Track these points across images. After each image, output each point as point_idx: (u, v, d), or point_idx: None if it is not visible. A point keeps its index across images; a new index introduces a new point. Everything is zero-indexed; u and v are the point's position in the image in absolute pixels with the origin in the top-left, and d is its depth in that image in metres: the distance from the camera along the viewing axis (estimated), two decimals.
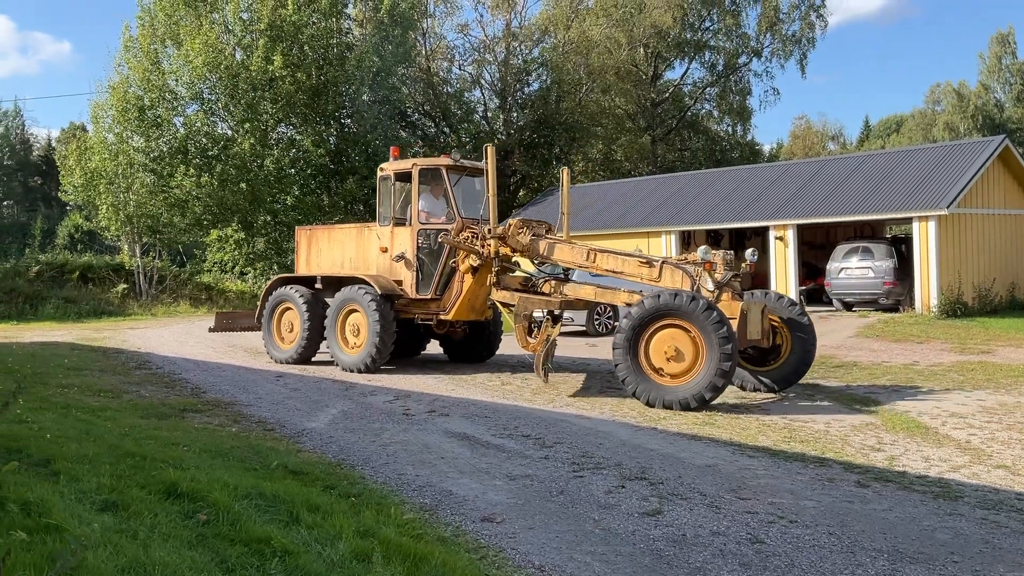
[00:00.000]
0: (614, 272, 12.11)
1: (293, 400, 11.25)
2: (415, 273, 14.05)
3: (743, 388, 11.74)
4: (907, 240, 23.34)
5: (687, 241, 27.81)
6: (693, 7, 47.27)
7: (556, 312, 12.49)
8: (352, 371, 13.96)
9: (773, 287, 24.70)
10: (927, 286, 21.57)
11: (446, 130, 42.37)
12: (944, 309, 20.87)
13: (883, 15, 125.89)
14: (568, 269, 14.24)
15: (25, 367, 13.55)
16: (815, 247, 28.70)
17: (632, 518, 5.98)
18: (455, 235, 13.18)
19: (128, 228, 33.40)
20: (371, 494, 6.36)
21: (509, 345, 15.31)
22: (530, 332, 12.46)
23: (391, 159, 14.79)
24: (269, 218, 33.85)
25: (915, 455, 7.84)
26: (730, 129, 53.39)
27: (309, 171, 34.00)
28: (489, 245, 12.76)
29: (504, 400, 11.17)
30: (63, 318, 28.50)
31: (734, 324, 10.50)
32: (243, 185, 32.43)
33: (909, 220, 22.63)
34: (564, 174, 14.11)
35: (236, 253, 35.21)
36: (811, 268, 27.05)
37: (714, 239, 29.20)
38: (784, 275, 24.36)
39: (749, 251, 12.13)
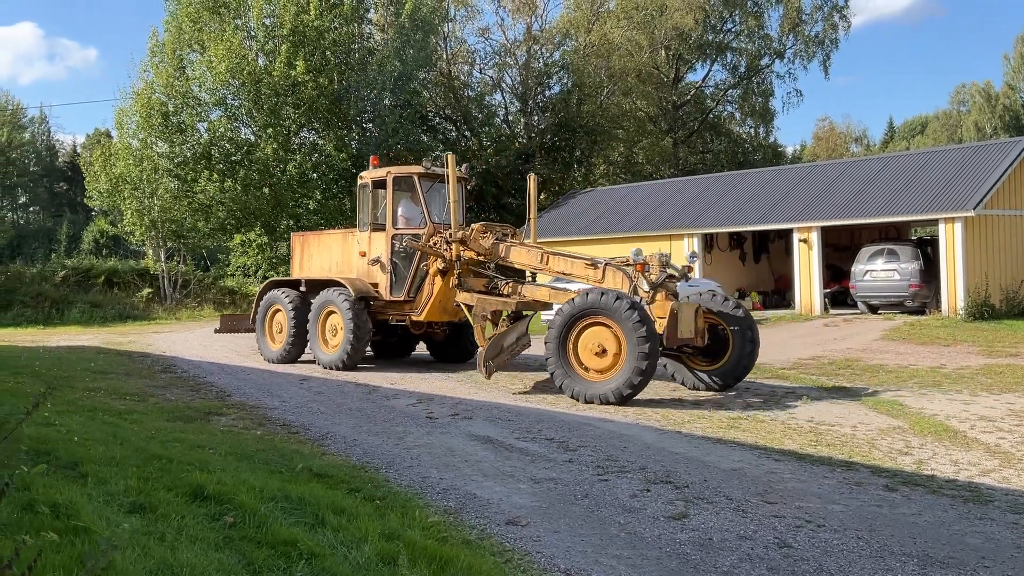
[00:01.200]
0: (564, 274, 12.89)
1: (317, 403, 11.28)
2: (389, 276, 14.80)
3: (684, 384, 12.21)
4: (933, 242, 23.10)
5: (710, 244, 27.68)
6: (715, 9, 47.09)
7: (513, 312, 13.23)
8: (330, 368, 14.70)
9: (797, 290, 24.56)
10: (954, 288, 21.33)
11: (467, 134, 42.43)
12: (971, 311, 20.64)
13: (908, 15, 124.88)
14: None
15: (52, 371, 13.69)
16: (839, 249, 28.46)
17: (658, 522, 5.94)
18: (426, 240, 13.86)
19: (153, 233, 33.69)
20: (396, 497, 6.36)
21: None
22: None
23: (371, 167, 15.52)
24: (292, 222, 34.02)
25: (943, 459, 7.75)
26: (752, 131, 53.10)
27: (331, 175, 34.16)
28: (451, 249, 13.52)
29: (527, 403, 11.15)
30: (89, 322, 28.80)
31: (663, 324, 11.02)
32: (266, 190, 32.65)
33: (935, 222, 22.41)
34: (531, 180, 15.14)
35: (259, 257, 35.43)
36: (835, 271, 26.82)
37: (737, 241, 29.05)
38: (808, 278, 24.18)
39: (688, 253, 12.95)
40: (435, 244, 13.81)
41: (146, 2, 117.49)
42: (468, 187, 16.45)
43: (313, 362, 15.39)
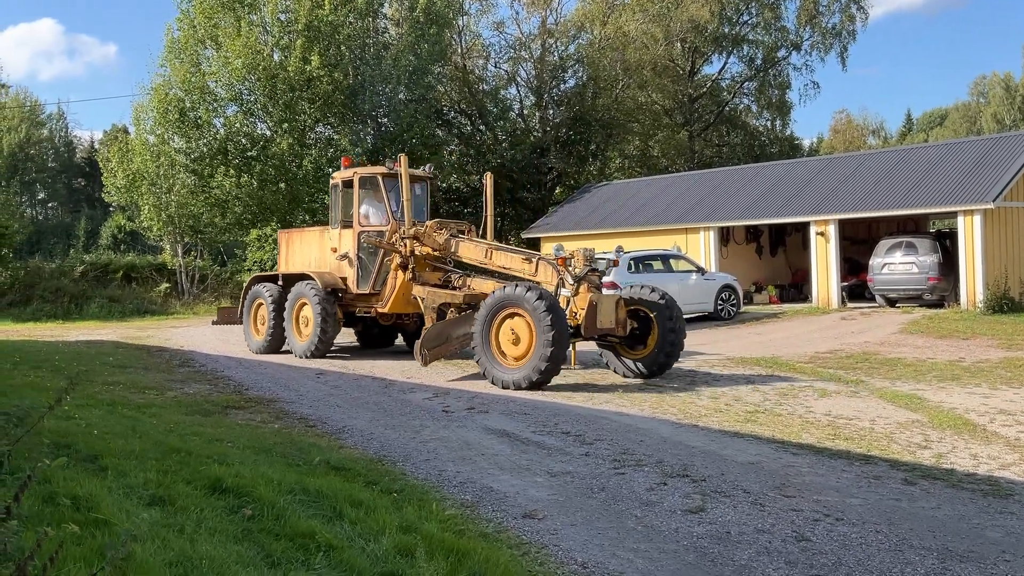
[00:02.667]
0: (504, 268, 13.66)
1: (334, 397, 11.33)
2: (356, 270, 15.72)
3: (616, 372, 12.83)
4: (952, 235, 22.90)
5: (726, 237, 27.57)
6: (731, 1, 46.79)
7: (462, 304, 13.79)
8: (302, 357, 15.65)
9: (814, 283, 24.43)
10: (973, 281, 21.16)
11: (482, 128, 42.40)
12: (990, 304, 20.47)
13: (926, 6, 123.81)
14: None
15: (71, 365, 13.81)
16: (857, 242, 28.27)
17: (675, 515, 5.93)
18: (389, 236, 14.80)
19: (170, 228, 33.88)
20: (412, 490, 6.38)
21: None
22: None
23: (342, 168, 16.40)
24: (308, 217, 34.12)
25: (963, 452, 7.70)
26: (769, 124, 52.71)
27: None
28: (406, 245, 14.52)
29: (543, 397, 11.15)
30: (107, 317, 29.03)
31: (582, 314, 11.82)
32: (282, 185, 32.74)
33: (954, 214, 22.22)
34: (487, 179, 16.06)
35: (276, 252, 35.53)
36: (853, 264, 26.66)
37: (753, 235, 28.91)
38: (825, 271, 24.04)
39: (615, 248, 14.32)
40: (394, 241, 14.71)
41: None
42: (432, 186, 17.38)
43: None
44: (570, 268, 12.34)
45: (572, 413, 9.91)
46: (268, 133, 34.06)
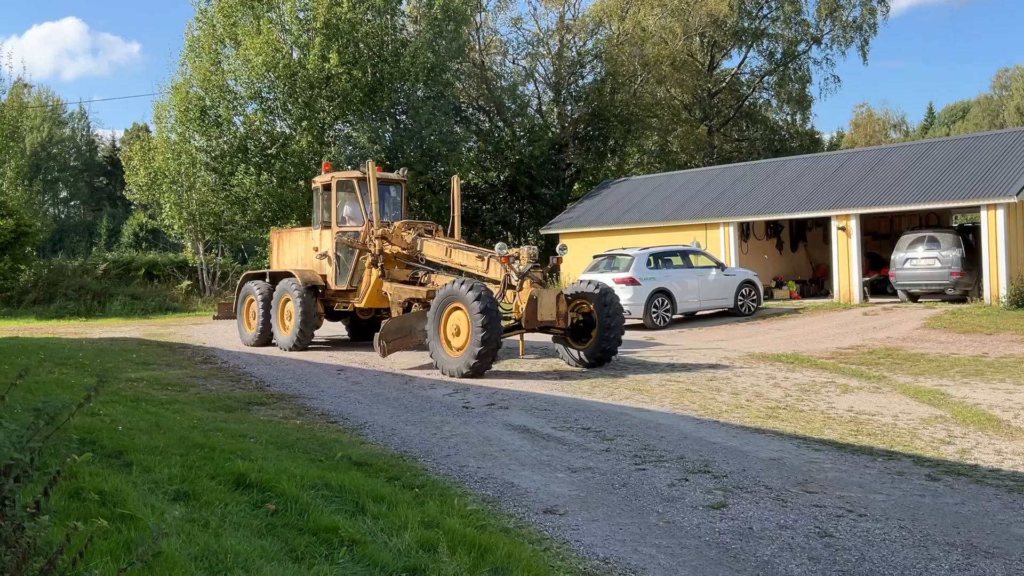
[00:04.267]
0: (461, 265, 14.54)
1: (354, 393, 11.38)
2: (335, 268, 16.65)
3: (567, 363, 13.72)
4: (975, 229, 22.68)
5: (746, 232, 27.43)
6: None
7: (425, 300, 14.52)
8: (285, 349, 16.58)
9: (835, 278, 24.26)
10: (996, 276, 20.95)
11: (500, 124, 42.40)
12: (1014, 299, 20.25)
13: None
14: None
15: (95, 362, 13.94)
16: (879, 237, 28.05)
17: (696, 511, 5.92)
18: (363, 236, 15.80)
19: (191, 226, 34.10)
20: (434, 485, 6.40)
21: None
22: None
23: (323, 173, 17.50)
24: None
25: (987, 448, 7.64)
26: (789, 118, 52.35)
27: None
28: (375, 244, 15.51)
29: (563, 393, 11.16)
30: (130, 314, 29.26)
31: (522, 308, 12.76)
32: (301, 182, 32.87)
33: (976, 208, 22.01)
34: (454, 182, 16.98)
35: None
36: (875, 259, 26.46)
37: (774, 230, 28.74)
38: (847, 266, 23.87)
39: (559, 246, 14.88)
40: (366, 240, 15.77)
41: None
42: (406, 188, 18.56)
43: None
44: (514, 266, 13.30)
45: (592, 409, 9.91)
46: (287, 131, 34.21)
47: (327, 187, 17.10)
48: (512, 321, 13.27)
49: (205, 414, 9.26)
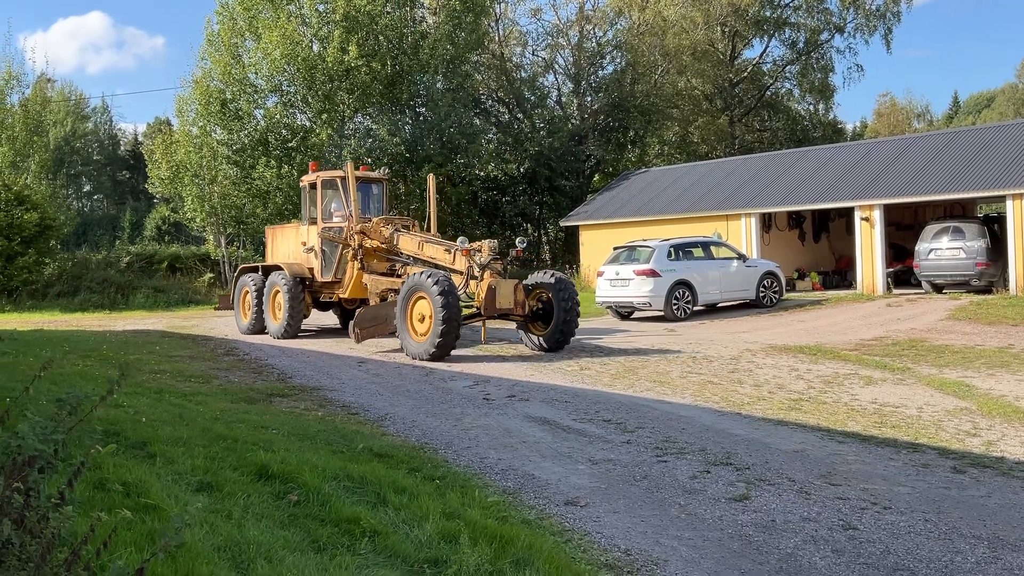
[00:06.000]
0: (431, 258, 15.49)
1: (375, 385, 11.41)
2: (320, 262, 17.62)
3: (528, 347, 14.76)
4: (1000, 219, 22.40)
5: (768, 223, 27.24)
6: None
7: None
8: (276, 337, 17.49)
9: (859, 269, 24.05)
10: (1022, 266, 20.69)
11: (519, 116, 42.31)
12: None
13: None
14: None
15: (119, 354, 14.06)
16: (903, 228, 27.77)
17: (719, 503, 5.89)
18: (347, 232, 16.80)
19: (213, 219, 34.28)
20: (455, 477, 6.41)
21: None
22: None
23: (310, 172, 18.57)
24: None
25: (1013, 440, 7.55)
26: (811, 108, 51.85)
27: (385, 160, 34.36)
28: (354, 239, 16.55)
29: (583, 385, 11.14)
30: (153, 307, 29.51)
31: (482, 296, 13.86)
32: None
33: (1002, 198, 21.74)
34: (430, 180, 17.94)
35: None
36: (899, 249, 26.19)
37: (796, 221, 28.53)
38: (870, 257, 23.66)
39: (519, 239, 16.02)
40: (347, 235, 16.80)
41: None
42: (388, 186, 19.65)
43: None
44: (476, 258, 14.35)
45: (613, 401, 9.88)
46: (308, 124, 34.30)
47: (313, 185, 18.16)
48: (474, 309, 14.42)
49: (228, 406, 9.31)
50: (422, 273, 13.96)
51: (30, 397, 3.31)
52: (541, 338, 14.60)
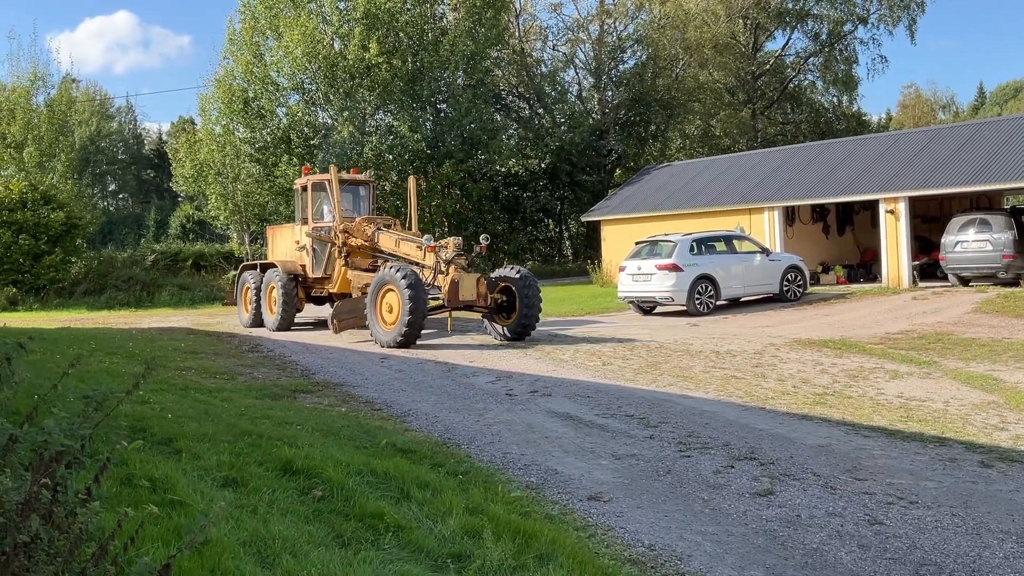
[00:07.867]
0: (407, 255, 16.44)
1: (398, 381, 11.45)
2: (311, 259, 18.80)
3: (494, 337, 15.74)
4: None
5: (791, 217, 27.03)
6: None
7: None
8: (272, 330, 18.60)
9: (884, 262, 23.82)
10: None
11: (540, 111, 42.25)
12: None
13: None
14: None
15: (144, 351, 14.19)
16: (928, 220, 27.44)
17: (743, 498, 5.86)
18: (334, 231, 17.83)
19: (236, 217, 34.54)
20: (478, 472, 6.42)
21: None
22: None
23: (303, 175, 19.81)
24: None
25: None
26: (835, 100, 51.29)
27: (406, 156, 34.45)
28: (339, 237, 17.65)
29: (605, 380, 11.11)
30: (178, 304, 29.75)
31: (446, 290, 14.91)
32: (344, 173, 33.13)
33: None
34: (411, 182, 19.79)
35: None
36: (924, 242, 25.89)
37: (820, 214, 28.29)
38: (896, 250, 23.42)
39: (483, 236, 16.65)
40: (333, 234, 17.91)
41: None
42: (374, 187, 21.20)
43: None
44: (441, 254, 15.40)
45: (635, 396, 9.85)
46: (329, 121, 34.44)
47: (304, 188, 19.46)
48: (440, 301, 15.47)
49: (252, 402, 9.38)
50: (392, 267, 15.04)
51: (58, 394, 3.35)
52: (505, 328, 15.59)
